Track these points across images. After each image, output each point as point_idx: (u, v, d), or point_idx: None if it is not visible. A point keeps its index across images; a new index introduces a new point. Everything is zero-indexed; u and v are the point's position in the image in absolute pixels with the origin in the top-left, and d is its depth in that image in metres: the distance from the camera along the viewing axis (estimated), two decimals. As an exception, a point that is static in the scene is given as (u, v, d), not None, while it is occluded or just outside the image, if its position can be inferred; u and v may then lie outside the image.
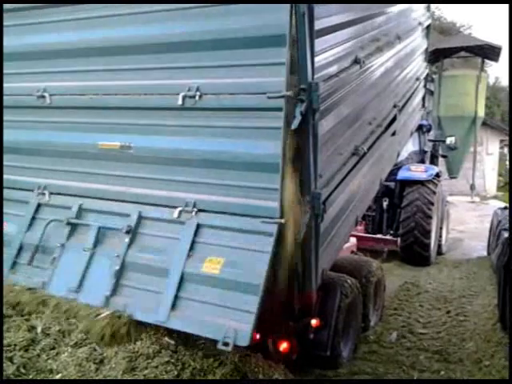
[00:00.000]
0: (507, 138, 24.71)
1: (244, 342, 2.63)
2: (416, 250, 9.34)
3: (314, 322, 4.18)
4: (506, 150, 27.77)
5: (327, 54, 3.68)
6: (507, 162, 28.05)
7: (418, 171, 9.61)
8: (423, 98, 8.66)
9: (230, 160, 3.19)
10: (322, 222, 3.63)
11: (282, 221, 2.92)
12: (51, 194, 3.95)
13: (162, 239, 3.31)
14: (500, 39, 27.73)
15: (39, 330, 3.22)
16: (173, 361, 3.10)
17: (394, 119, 5.94)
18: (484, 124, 20.83)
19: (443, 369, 4.81)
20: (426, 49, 8.37)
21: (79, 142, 3.83)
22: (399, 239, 9.49)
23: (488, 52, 18.71)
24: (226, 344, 2.63)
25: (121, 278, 3.30)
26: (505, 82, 35.87)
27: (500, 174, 25.99)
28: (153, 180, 3.51)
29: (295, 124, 3.12)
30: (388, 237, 9.92)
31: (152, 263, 3.25)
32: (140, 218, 3.46)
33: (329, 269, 4.37)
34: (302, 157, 3.35)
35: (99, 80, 3.69)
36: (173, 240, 3.24)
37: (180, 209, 3.30)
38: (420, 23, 7.54)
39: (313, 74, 3.22)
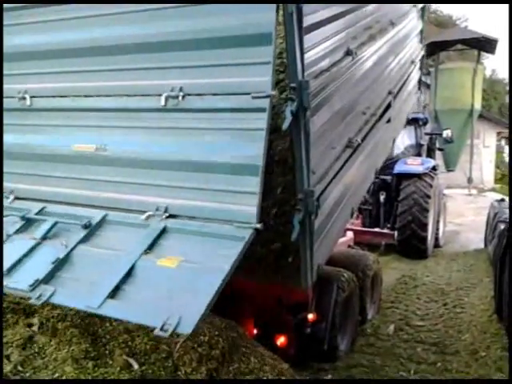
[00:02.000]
0: (504, 130, 24.78)
1: (187, 328, 2.39)
2: (413, 243, 9.39)
3: (310, 316, 4.21)
4: (503, 142, 27.83)
5: (318, 48, 3.63)
6: (505, 155, 28.12)
7: (415, 164, 9.65)
8: (419, 81, 8.49)
9: (209, 163, 3.03)
10: (316, 219, 3.61)
11: (259, 226, 2.75)
12: (16, 198, 3.71)
13: (121, 240, 3.11)
14: (496, 32, 27.74)
15: (36, 327, 3.23)
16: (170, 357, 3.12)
17: (388, 106, 5.83)
18: (481, 116, 20.89)
19: (440, 360, 4.85)
20: (422, 30, 8.18)
21: (54, 145, 3.67)
22: (396, 232, 9.52)
23: (484, 44, 18.73)
24: (164, 330, 2.39)
25: (61, 267, 3.02)
26: (501, 75, 35.91)
27: (497, 167, 26.05)
28: (126, 184, 3.33)
29: (286, 125, 3.08)
30: (385, 230, 9.95)
31: (101, 257, 3.02)
32: (103, 220, 3.28)
33: (324, 263, 4.39)
34: (293, 155, 3.32)
35: (81, 81, 3.58)
36: (132, 241, 3.05)
37: (149, 213, 3.12)
38: (414, 5, 7.39)
39: (303, 72, 3.16)
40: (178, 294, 2.59)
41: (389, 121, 5.96)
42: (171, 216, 3.08)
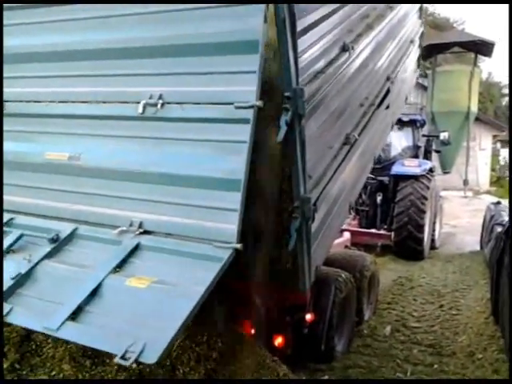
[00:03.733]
0: (500, 133, 24.89)
1: (152, 357, 2.16)
2: (409, 245, 9.39)
3: (308, 316, 4.20)
4: (498, 145, 27.96)
5: (312, 50, 3.46)
6: (500, 158, 28.24)
7: (412, 166, 9.65)
8: (418, 59, 8.17)
9: (188, 176, 2.85)
10: (313, 223, 3.54)
11: (239, 246, 2.56)
12: None
13: (90, 256, 2.92)
14: (493, 35, 27.87)
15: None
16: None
17: (387, 92, 5.63)
18: (477, 119, 20.93)
19: (437, 362, 4.85)
20: (421, 6, 7.86)
21: (26, 153, 3.48)
22: (393, 234, 9.53)
23: (481, 47, 18.77)
24: (126, 358, 2.16)
25: (22, 283, 2.79)
26: (497, 78, 36.09)
27: (493, 169, 26.15)
28: (99, 196, 3.13)
29: (280, 136, 2.96)
30: (382, 231, 9.96)
31: (66, 274, 2.80)
32: (72, 234, 3.09)
33: (322, 263, 4.38)
34: (289, 163, 3.24)
35: (57, 87, 3.42)
36: (101, 258, 2.85)
37: (121, 229, 2.91)
38: None
39: (297, 79, 3.04)
40: (145, 318, 2.38)
41: (387, 107, 5.78)
42: (146, 232, 2.89)
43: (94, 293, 2.60)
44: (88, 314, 2.53)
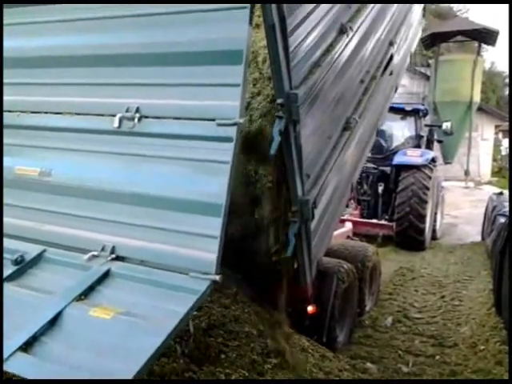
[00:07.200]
0: (502, 123, 24.76)
1: None
2: (411, 235, 9.37)
3: (310, 308, 4.17)
4: (500, 135, 27.84)
5: (306, 42, 3.17)
6: (501, 148, 28.14)
7: (414, 156, 9.60)
8: (424, 8, 7.69)
9: (166, 198, 2.63)
10: (312, 221, 3.46)
11: (217, 278, 2.36)
12: None
13: (55, 282, 2.68)
14: (497, 23, 27.58)
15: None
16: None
17: (390, 59, 5.32)
18: (479, 109, 20.81)
19: (438, 353, 4.83)
20: None
21: None
22: (394, 224, 9.50)
23: (485, 36, 18.62)
24: None
25: None
26: (500, 68, 35.87)
27: (494, 160, 26.06)
28: (70, 216, 2.89)
29: (274, 148, 2.83)
30: (383, 222, 9.93)
31: (27, 300, 2.56)
32: (39, 257, 2.85)
33: (323, 255, 4.33)
34: (285, 167, 3.14)
35: (28, 96, 3.17)
36: (67, 284, 2.62)
37: (92, 253, 2.68)
38: None
39: (290, 84, 2.88)
40: (105, 353, 2.16)
41: (391, 73, 5.52)
42: (118, 258, 2.66)
43: (53, 322, 2.37)
44: (43, 344, 2.29)
